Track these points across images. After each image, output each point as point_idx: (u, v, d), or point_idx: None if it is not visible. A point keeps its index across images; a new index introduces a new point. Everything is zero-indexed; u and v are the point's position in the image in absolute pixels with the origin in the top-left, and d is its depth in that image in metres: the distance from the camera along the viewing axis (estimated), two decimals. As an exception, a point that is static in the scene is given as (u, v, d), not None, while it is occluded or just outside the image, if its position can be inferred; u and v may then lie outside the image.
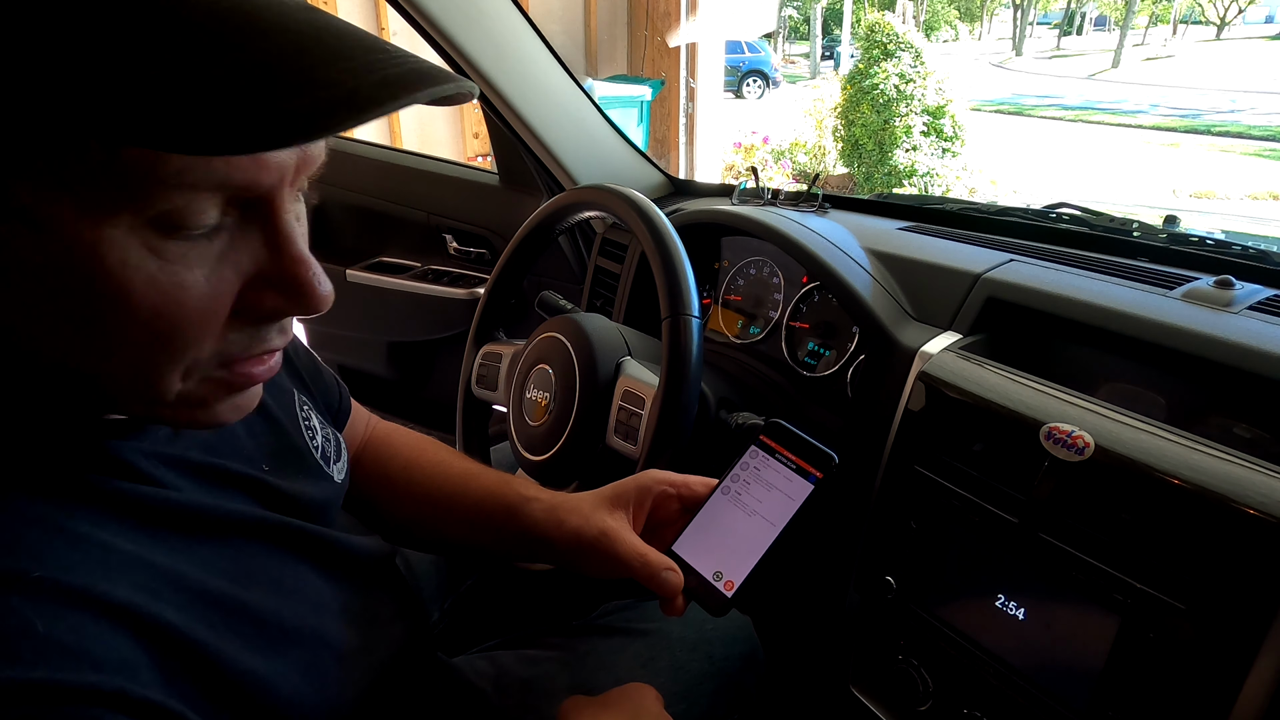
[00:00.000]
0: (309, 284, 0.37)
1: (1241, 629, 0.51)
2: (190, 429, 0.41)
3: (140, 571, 0.36)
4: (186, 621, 0.36)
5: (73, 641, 0.31)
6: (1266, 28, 29.76)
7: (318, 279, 0.37)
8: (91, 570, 0.34)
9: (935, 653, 0.71)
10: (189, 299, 0.33)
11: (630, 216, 0.80)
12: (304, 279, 0.36)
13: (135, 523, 0.37)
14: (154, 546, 0.37)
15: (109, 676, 0.31)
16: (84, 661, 0.31)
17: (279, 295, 0.36)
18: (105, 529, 0.36)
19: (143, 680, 0.32)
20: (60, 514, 0.35)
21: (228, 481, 0.45)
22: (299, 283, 0.36)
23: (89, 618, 0.32)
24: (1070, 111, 13.72)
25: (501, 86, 1.14)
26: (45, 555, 0.33)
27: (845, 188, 5.93)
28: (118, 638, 0.33)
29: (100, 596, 0.33)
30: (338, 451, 0.59)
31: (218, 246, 0.34)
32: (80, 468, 0.37)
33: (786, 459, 0.55)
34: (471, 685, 0.65)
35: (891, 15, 5.93)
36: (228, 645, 0.37)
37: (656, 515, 0.59)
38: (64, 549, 0.34)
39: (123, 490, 0.37)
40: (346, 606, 0.48)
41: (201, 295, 0.34)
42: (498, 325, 0.99)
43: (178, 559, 0.38)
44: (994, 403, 0.66)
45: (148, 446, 0.41)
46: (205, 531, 0.40)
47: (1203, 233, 0.90)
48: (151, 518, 0.38)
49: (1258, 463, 0.54)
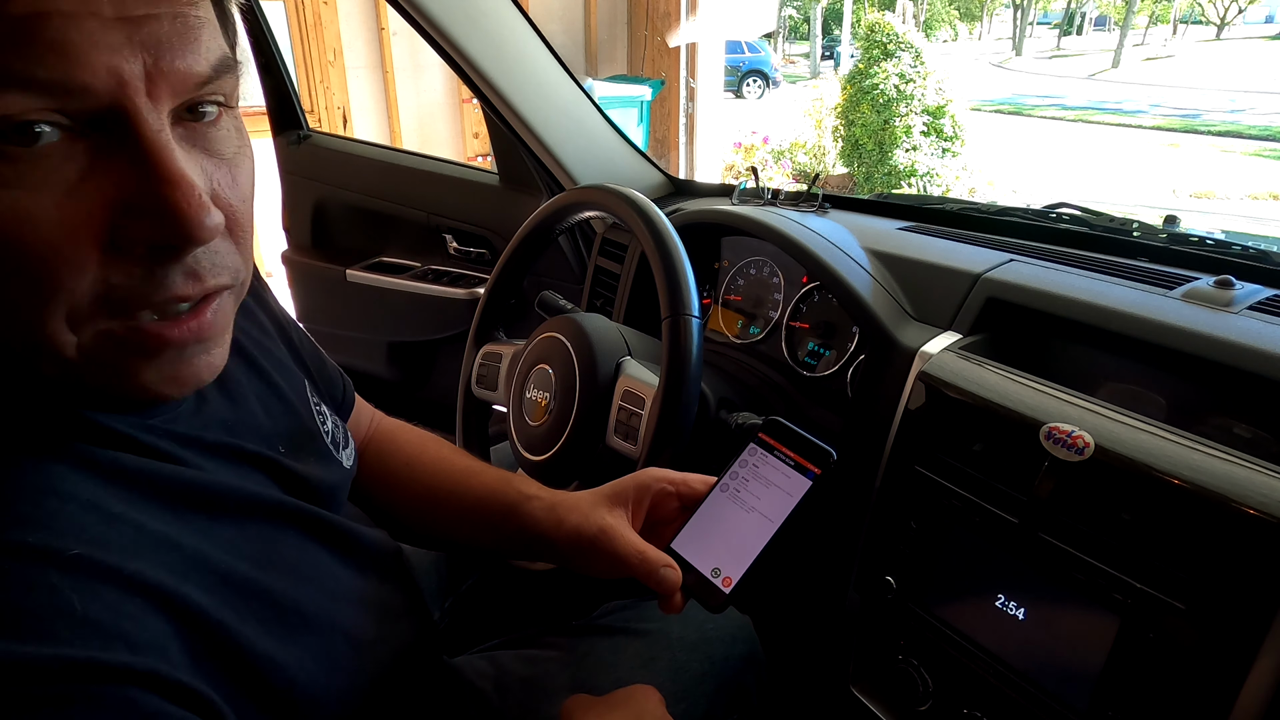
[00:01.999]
0: (178, 206, 0.32)
1: (1241, 629, 0.51)
2: (124, 397, 0.38)
3: (169, 552, 0.36)
4: (213, 604, 0.36)
5: (109, 620, 0.31)
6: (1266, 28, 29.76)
7: (190, 202, 0.32)
8: (124, 549, 0.34)
9: (935, 653, 0.71)
10: (37, 226, 0.31)
11: (630, 216, 0.80)
12: (172, 201, 0.32)
13: (163, 503, 0.37)
14: (182, 528, 0.37)
15: (143, 657, 0.31)
16: (119, 641, 0.31)
17: (147, 221, 0.32)
18: (136, 508, 0.36)
19: (174, 661, 0.33)
20: (95, 491, 0.35)
21: (245, 460, 0.45)
22: (169, 205, 0.32)
23: (124, 596, 0.32)
24: (1070, 111, 13.71)
25: (501, 86, 1.14)
26: (81, 532, 0.33)
27: (845, 188, 5.93)
28: (150, 617, 0.33)
29: (133, 575, 0.33)
30: (345, 439, 0.59)
31: (70, 170, 0.31)
32: (113, 446, 0.37)
33: (785, 456, 0.55)
34: (472, 686, 0.65)
35: (891, 15, 5.93)
36: (250, 629, 0.37)
37: (656, 513, 0.59)
38: (99, 526, 0.34)
39: (152, 469, 0.38)
40: (362, 596, 0.49)
41: (52, 221, 0.31)
42: (498, 325, 0.99)
43: (203, 541, 0.38)
44: (994, 403, 0.66)
45: (168, 425, 0.41)
46: (229, 512, 0.40)
47: (1203, 233, 0.90)
48: (179, 498, 0.38)
49: (1258, 463, 0.54)
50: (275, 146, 1.65)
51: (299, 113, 1.65)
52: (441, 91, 4.66)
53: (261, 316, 0.57)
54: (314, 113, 4.08)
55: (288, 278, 1.71)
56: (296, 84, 2.03)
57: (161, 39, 0.32)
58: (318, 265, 1.63)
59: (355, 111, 4.27)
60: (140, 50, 0.31)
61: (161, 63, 0.32)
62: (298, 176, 1.64)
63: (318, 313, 1.70)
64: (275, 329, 0.58)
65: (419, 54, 4.38)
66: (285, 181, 1.66)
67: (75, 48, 0.29)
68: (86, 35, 0.30)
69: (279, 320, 0.59)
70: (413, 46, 4.31)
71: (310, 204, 1.63)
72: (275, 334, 0.58)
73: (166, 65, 0.32)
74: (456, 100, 4.71)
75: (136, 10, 0.31)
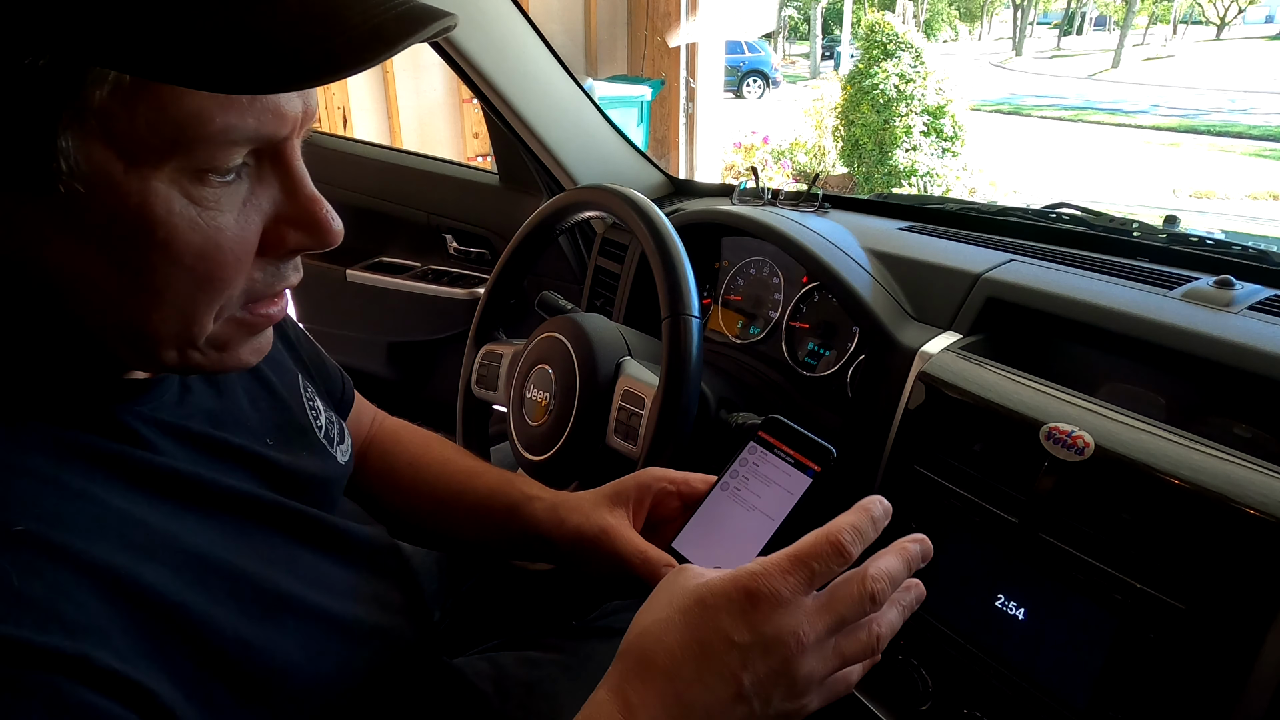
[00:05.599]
0: (324, 219, 0.40)
1: (1241, 629, 0.51)
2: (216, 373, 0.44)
3: (133, 530, 0.36)
4: (173, 584, 0.35)
5: (45, 600, 0.31)
6: (1266, 28, 29.76)
7: (330, 215, 0.41)
8: (81, 527, 0.34)
9: (935, 653, 0.71)
10: (224, 240, 0.36)
11: (630, 216, 0.80)
12: (319, 215, 0.40)
13: (130, 483, 0.37)
14: (149, 508, 0.37)
15: (75, 641, 0.30)
16: (54, 622, 0.30)
17: (297, 231, 0.40)
18: (101, 486, 0.36)
19: (112, 647, 0.32)
20: (53, 467, 0.35)
21: (228, 455, 0.45)
22: (315, 219, 0.40)
23: (68, 576, 0.32)
24: (1070, 111, 13.72)
25: (501, 86, 1.14)
26: (34, 507, 0.33)
27: (845, 188, 5.93)
28: (94, 600, 0.32)
29: (82, 555, 0.33)
30: (341, 435, 0.59)
31: (242, 191, 0.37)
32: (79, 427, 0.37)
33: (785, 454, 0.55)
34: (473, 686, 0.65)
35: (891, 15, 5.94)
36: (220, 610, 0.37)
37: (657, 513, 0.59)
38: (54, 501, 0.34)
39: (120, 451, 0.38)
40: (353, 589, 0.48)
41: (234, 236, 0.37)
42: (498, 325, 0.99)
43: (173, 522, 0.38)
44: (994, 403, 0.66)
45: (149, 412, 0.41)
46: (199, 502, 0.41)
47: (1203, 233, 0.90)
48: (148, 481, 0.38)
49: (1258, 463, 0.54)
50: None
51: (299, 113, 1.65)
52: (441, 91, 4.66)
53: None
54: (314, 113, 4.08)
55: (288, 277, 1.70)
56: (296, 84, 2.03)
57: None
58: (318, 265, 1.63)
59: (355, 111, 4.27)
60: (303, 97, 0.38)
61: (309, 105, 0.39)
62: (298, 176, 1.64)
63: (318, 313, 1.70)
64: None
65: (419, 54, 4.37)
66: (286, 181, 1.65)
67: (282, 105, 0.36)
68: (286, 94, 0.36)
69: None
70: (413, 46, 4.30)
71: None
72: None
73: (311, 107, 0.39)
74: (456, 100, 4.71)
75: None
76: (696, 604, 0.39)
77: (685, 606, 0.39)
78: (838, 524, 0.40)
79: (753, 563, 0.40)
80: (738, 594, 0.38)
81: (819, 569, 0.39)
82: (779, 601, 0.38)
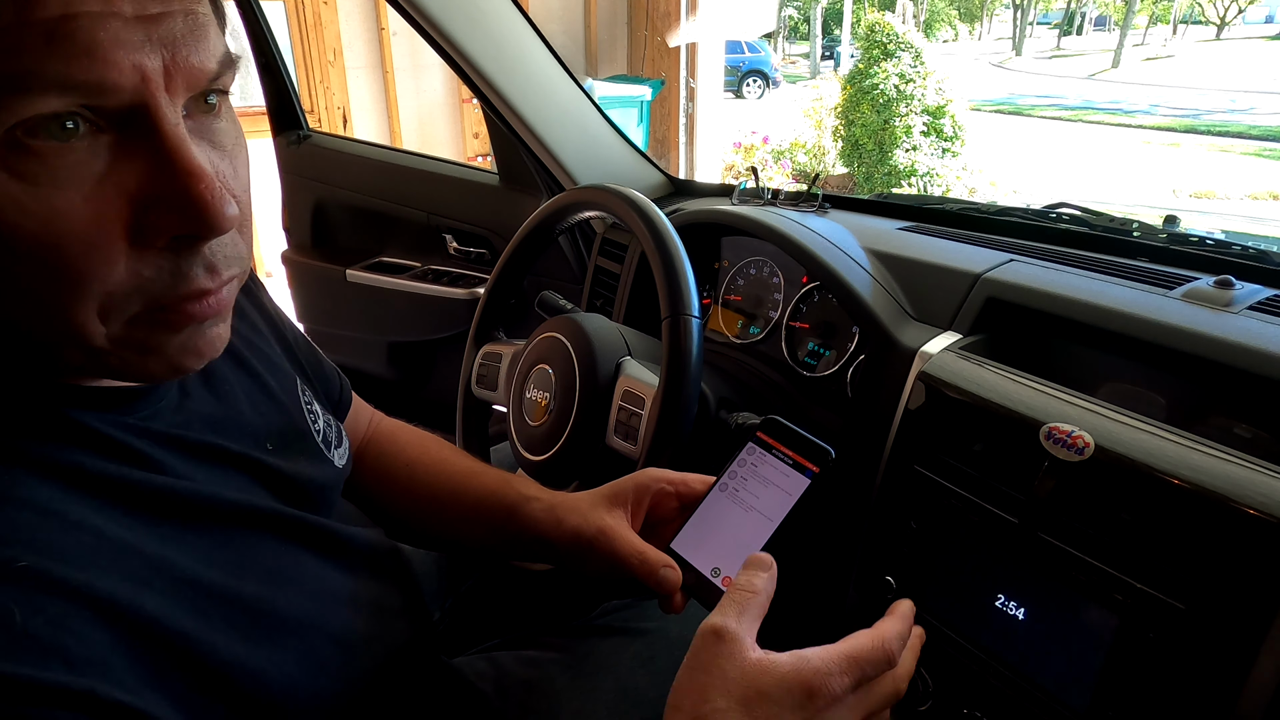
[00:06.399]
0: (202, 197, 0.33)
1: (1241, 629, 0.51)
2: (153, 380, 0.40)
3: (130, 559, 0.35)
4: (171, 612, 0.35)
5: (49, 636, 0.30)
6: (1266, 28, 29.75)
7: (213, 194, 0.34)
8: (80, 559, 0.33)
9: (935, 653, 0.71)
10: (67, 224, 0.31)
11: (630, 216, 0.80)
12: (196, 192, 0.33)
13: (127, 509, 0.37)
14: (146, 534, 0.37)
15: (79, 676, 0.30)
16: (57, 658, 0.30)
17: (172, 214, 0.33)
18: (99, 515, 0.35)
19: (117, 679, 0.32)
20: (55, 498, 0.34)
21: (228, 462, 0.44)
22: (191, 196, 0.33)
23: (71, 610, 0.32)
24: (1070, 111, 13.72)
25: (501, 86, 1.14)
26: (34, 541, 0.32)
27: (845, 188, 5.93)
28: (97, 632, 0.32)
29: (83, 588, 0.32)
30: (339, 438, 0.59)
31: (95, 166, 0.32)
32: (72, 447, 0.36)
33: (783, 454, 0.55)
34: (472, 686, 0.65)
35: (891, 15, 5.93)
36: (217, 635, 0.37)
37: (655, 513, 0.59)
38: (54, 534, 0.33)
39: (116, 474, 0.37)
40: (352, 596, 0.48)
41: (81, 217, 0.32)
42: (498, 325, 0.99)
43: (169, 547, 0.37)
44: (994, 403, 0.66)
45: (145, 422, 0.40)
46: (200, 520, 0.40)
47: (1203, 233, 0.90)
48: (146, 504, 0.38)
49: (1258, 463, 0.54)
50: (275, 146, 1.65)
51: (299, 113, 1.65)
52: (441, 91, 4.65)
53: (254, 315, 0.57)
54: (314, 113, 4.08)
55: (288, 278, 1.71)
56: (296, 84, 2.03)
57: (177, 36, 0.33)
58: (318, 265, 1.63)
59: (355, 111, 4.27)
60: (159, 47, 0.32)
61: (178, 58, 0.33)
62: (298, 176, 1.64)
63: (318, 313, 1.70)
64: (268, 327, 0.58)
65: (419, 54, 4.38)
66: (285, 181, 1.66)
67: (103, 47, 0.31)
68: (112, 34, 0.31)
69: (272, 319, 0.59)
70: (413, 46, 4.31)
71: (310, 204, 1.63)
72: (268, 332, 0.58)
73: (182, 60, 0.33)
74: (456, 100, 4.70)
75: (153, 9, 0.32)
76: (759, 697, 0.40)
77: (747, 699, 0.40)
78: (887, 634, 0.45)
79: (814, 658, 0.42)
80: (800, 691, 0.41)
81: (870, 674, 0.43)
82: (832, 700, 0.41)
